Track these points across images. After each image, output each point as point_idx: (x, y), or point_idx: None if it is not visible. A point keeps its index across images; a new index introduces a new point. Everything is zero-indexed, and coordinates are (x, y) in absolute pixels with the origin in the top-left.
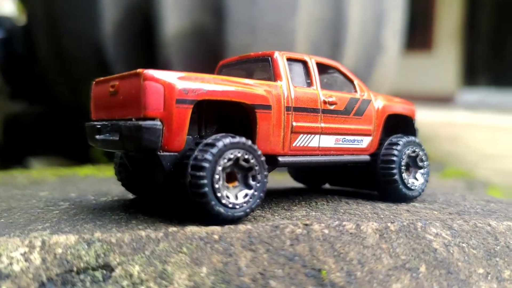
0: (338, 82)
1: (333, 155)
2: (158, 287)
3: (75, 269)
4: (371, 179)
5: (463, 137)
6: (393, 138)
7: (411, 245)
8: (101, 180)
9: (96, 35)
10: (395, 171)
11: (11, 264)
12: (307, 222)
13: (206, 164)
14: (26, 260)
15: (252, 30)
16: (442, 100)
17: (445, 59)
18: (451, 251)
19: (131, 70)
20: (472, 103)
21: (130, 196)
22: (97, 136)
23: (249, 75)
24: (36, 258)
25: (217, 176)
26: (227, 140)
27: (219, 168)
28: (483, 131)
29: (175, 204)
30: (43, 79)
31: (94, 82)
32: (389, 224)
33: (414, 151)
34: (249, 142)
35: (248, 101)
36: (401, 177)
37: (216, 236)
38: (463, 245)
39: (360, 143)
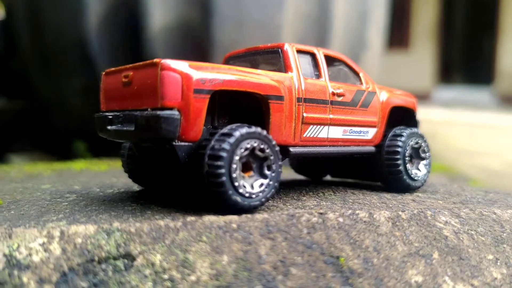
0: (341, 74)
1: (340, 146)
2: (181, 276)
3: (96, 258)
4: (373, 170)
5: (440, 134)
6: (396, 130)
7: (423, 232)
8: (99, 174)
9: (79, 29)
10: (399, 162)
11: (30, 254)
12: (321, 211)
13: (224, 154)
14: (45, 251)
15: (238, 26)
16: (419, 97)
17: (421, 57)
18: (461, 238)
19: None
20: (448, 101)
21: (136, 188)
22: (109, 127)
23: (258, 67)
24: (55, 248)
25: (234, 166)
26: (244, 130)
27: (236, 157)
28: (459, 128)
29: (188, 193)
30: (23, 74)
31: (104, 73)
32: (400, 213)
33: (417, 143)
34: (265, 132)
35: (262, 92)
36: (405, 167)
37: (234, 225)
38: (472, 232)
39: (366, 134)
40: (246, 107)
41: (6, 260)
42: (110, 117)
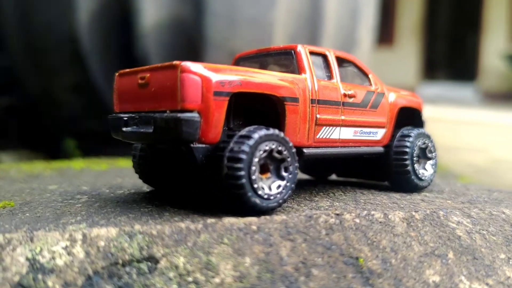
0: (348, 75)
1: (351, 146)
2: (205, 278)
3: (120, 261)
4: (378, 170)
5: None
6: (404, 130)
7: (437, 233)
8: (101, 173)
9: (70, 25)
10: (408, 162)
11: (53, 258)
12: (338, 212)
13: (244, 156)
14: (69, 254)
15: (231, 23)
16: None
17: (406, 54)
18: (474, 238)
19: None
20: (432, 97)
21: (145, 188)
22: (124, 129)
23: (269, 68)
24: (79, 251)
25: (253, 168)
26: (262, 132)
27: (255, 159)
28: (444, 125)
29: (201, 195)
30: (11, 70)
31: (117, 74)
32: (413, 213)
33: (424, 143)
34: (282, 134)
35: (278, 94)
36: (413, 168)
37: (254, 227)
38: (483, 232)
39: (375, 135)
40: (260, 108)
41: (30, 264)
42: (125, 118)
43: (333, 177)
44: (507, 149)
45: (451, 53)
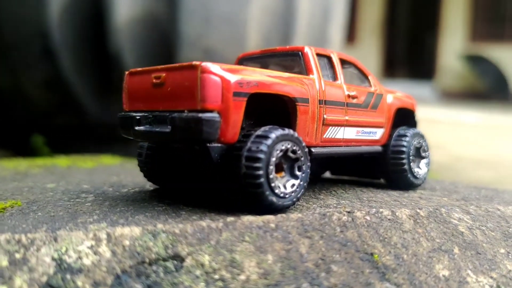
0: (347, 75)
1: (354, 146)
2: (231, 275)
3: (147, 260)
4: (373, 168)
5: None
6: (400, 130)
7: (441, 229)
8: (92, 171)
9: (41, 19)
10: (405, 161)
11: (80, 258)
12: (348, 209)
13: (262, 156)
14: (95, 253)
15: (205, 20)
16: None
17: (367, 52)
18: (475, 234)
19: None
20: None
21: (148, 187)
22: (137, 128)
23: (274, 69)
24: (105, 251)
25: (271, 167)
26: (279, 132)
27: (273, 159)
28: None
29: (214, 194)
30: None
31: (128, 73)
32: (418, 210)
33: (419, 142)
34: (296, 134)
35: (291, 95)
36: (409, 166)
37: (272, 225)
38: (483, 228)
39: (375, 134)
40: (269, 108)
41: (56, 264)
42: (138, 117)
43: (327, 174)
44: (464, 146)
45: (410, 52)
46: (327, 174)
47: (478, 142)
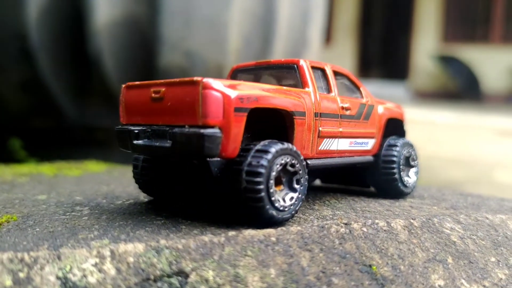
0: (344, 88)
1: (347, 156)
2: None
3: (152, 277)
4: (363, 177)
5: None
6: (391, 140)
7: (435, 239)
8: (80, 180)
9: (18, 21)
10: (395, 170)
11: (85, 276)
12: (345, 221)
13: (263, 170)
14: (100, 271)
15: (186, 23)
16: None
17: (342, 53)
18: (466, 243)
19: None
20: None
21: (142, 198)
22: (135, 141)
23: (269, 81)
24: (109, 268)
25: (271, 181)
26: (278, 147)
27: (273, 173)
28: None
29: (210, 207)
30: None
31: (125, 86)
32: (411, 221)
33: (408, 152)
34: (295, 148)
35: (289, 109)
36: (400, 175)
37: (273, 239)
38: (474, 237)
39: (366, 145)
40: (266, 121)
41: (61, 283)
42: (136, 131)
43: (317, 182)
44: (437, 146)
45: (385, 53)
46: (317, 182)
47: (450, 141)
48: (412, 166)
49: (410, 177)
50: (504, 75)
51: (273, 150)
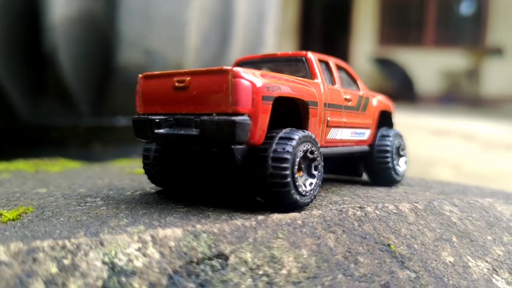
0: (343, 81)
1: (348, 146)
2: (274, 271)
3: (194, 260)
4: (355, 166)
5: None
6: (383, 131)
7: (438, 220)
8: (69, 175)
9: None
10: (389, 159)
11: (130, 260)
12: (359, 205)
13: (288, 156)
14: (144, 255)
15: (145, 20)
16: None
17: None
18: (465, 223)
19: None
20: None
21: (149, 189)
22: (157, 130)
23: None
24: (153, 252)
25: (295, 167)
26: (301, 134)
27: (297, 159)
28: None
29: (230, 193)
30: None
31: (142, 76)
32: (415, 204)
33: (398, 142)
34: (313, 136)
35: (305, 98)
36: (393, 164)
37: (299, 222)
38: (470, 218)
39: (363, 135)
40: (283, 111)
41: (109, 268)
42: (157, 120)
43: None
44: None
45: (324, 53)
46: None
47: None
48: (401, 156)
49: (401, 166)
50: (436, 77)
51: (296, 137)
